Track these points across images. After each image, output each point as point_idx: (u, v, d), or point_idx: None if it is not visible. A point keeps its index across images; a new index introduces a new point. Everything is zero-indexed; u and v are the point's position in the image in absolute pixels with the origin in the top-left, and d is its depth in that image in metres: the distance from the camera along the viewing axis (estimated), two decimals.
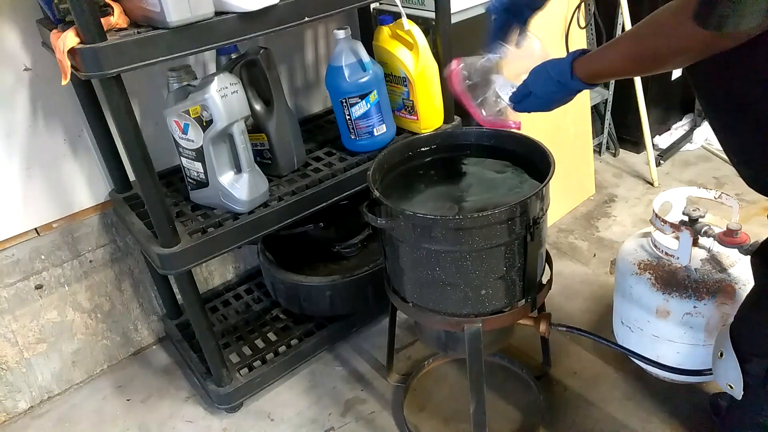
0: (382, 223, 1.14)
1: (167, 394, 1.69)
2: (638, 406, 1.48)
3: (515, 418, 1.49)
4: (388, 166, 1.31)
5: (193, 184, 1.45)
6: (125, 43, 1.06)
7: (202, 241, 1.33)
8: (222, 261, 1.94)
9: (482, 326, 1.19)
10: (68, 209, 1.59)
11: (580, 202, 2.29)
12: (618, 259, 1.47)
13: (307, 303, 1.68)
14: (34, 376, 1.67)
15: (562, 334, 1.35)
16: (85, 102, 1.44)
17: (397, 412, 1.53)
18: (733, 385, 1.04)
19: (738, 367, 1.02)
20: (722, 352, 1.07)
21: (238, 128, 1.34)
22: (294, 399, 1.62)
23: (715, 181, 2.33)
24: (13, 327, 1.59)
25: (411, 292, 1.24)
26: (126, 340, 1.82)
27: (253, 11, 1.16)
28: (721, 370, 1.08)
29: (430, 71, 1.60)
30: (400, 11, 1.52)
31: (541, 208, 1.15)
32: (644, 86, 2.22)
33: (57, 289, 1.63)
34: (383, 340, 1.60)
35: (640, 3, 2.22)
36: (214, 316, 1.81)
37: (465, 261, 1.12)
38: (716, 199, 1.40)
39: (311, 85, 1.93)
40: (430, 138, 1.38)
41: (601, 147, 2.55)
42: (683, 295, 1.32)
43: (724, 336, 1.07)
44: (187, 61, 1.56)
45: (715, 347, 1.12)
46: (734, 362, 1.03)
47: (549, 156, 1.18)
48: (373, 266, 1.67)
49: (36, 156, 1.50)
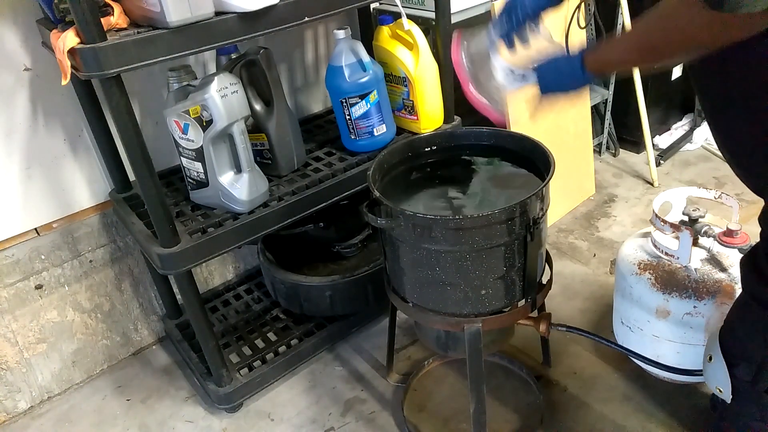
0: (382, 223, 1.14)
1: (167, 394, 1.69)
2: (638, 406, 1.48)
3: (515, 418, 1.49)
4: (388, 166, 1.31)
5: (193, 184, 1.45)
6: (125, 43, 1.06)
7: (202, 241, 1.33)
8: (222, 261, 1.94)
9: (482, 326, 1.19)
10: (68, 209, 1.59)
11: (580, 202, 2.29)
12: (618, 259, 1.47)
13: (307, 303, 1.68)
14: (34, 376, 1.67)
15: (562, 334, 1.35)
16: (85, 102, 1.45)
17: (397, 412, 1.53)
18: (722, 388, 1.05)
19: (726, 370, 1.03)
20: (711, 356, 1.07)
21: (238, 128, 1.34)
22: (294, 399, 1.62)
23: (715, 181, 2.33)
24: (13, 327, 1.59)
25: (411, 292, 1.24)
26: (126, 340, 1.82)
27: (253, 11, 1.16)
28: (710, 374, 1.08)
29: (430, 71, 1.60)
30: (400, 11, 1.52)
31: (541, 208, 1.14)
32: (644, 86, 2.22)
33: (57, 289, 1.63)
34: (383, 340, 1.60)
35: (640, 3, 2.22)
36: (214, 316, 1.81)
37: (465, 261, 1.12)
38: (716, 199, 1.40)
39: (311, 85, 1.93)
40: (430, 138, 1.38)
41: (601, 147, 2.55)
42: (683, 295, 1.32)
43: (713, 340, 1.08)
44: (187, 61, 1.56)
45: (705, 351, 1.12)
46: (723, 366, 1.03)
47: (549, 156, 1.18)
48: (373, 266, 1.67)
49: (36, 156, 1.50)
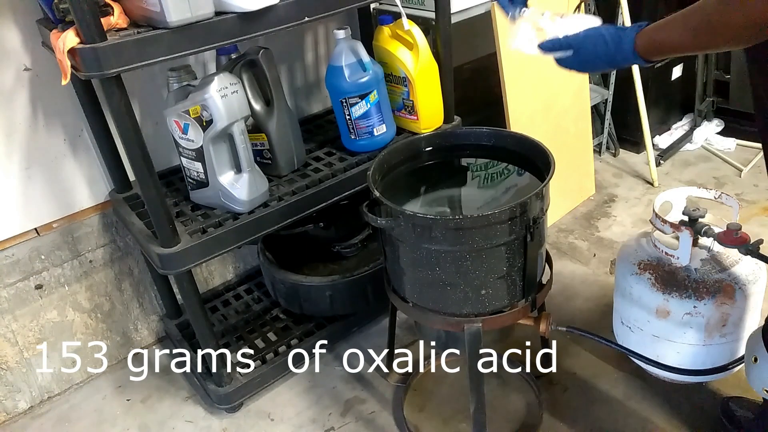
0: (382, 223, 1.14)
1: (167, 394, 1.69)
2: (638, 406, 1.48)
3: (515, 418, 1.49)
4: (388, 166, 1.31)
5: (193, 184, 1.45)
6: (125, 43, 1.06)
7: (202, 241, 1.33)
8: (222, 261, 1.94)
9: (482, 326, 1.19)
10: (68, 209, 1.59)
11: (580, 202, 2.29)
12: (618, 259, 1.47)
13: (307, 303, 1.68)
14: (34, 376, 1.67)
15: (562, 334, 1.35)
16: (85, 102, 1.44)
17: (397, 412, 1.53)
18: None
19: None
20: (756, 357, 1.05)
21: (238, 128, 1.34)
22: (294, 399, 1.61)
23: (715, 181, 2.33)
24: (13, 327, 1.59)
25: (411, 292, 1.24)
26: (126, 340, 1.82)
27: (253, 11, 1.16)
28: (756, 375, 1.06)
29: (430, 71, 1.60)
30: (400, 11, 1.52)
31: (540, 208, 1.15)
32: (644, 86, 2.22)
33: (57, 289, 1.63)
34: (383, 340, 1.60)
35: (640, 3, 2.22)
36: (214, 316, 1.80)
37: (465, 261, 1.12)
38: (716, 199, 1.40)
39: (311, 85, 1.93)
40: (430, 138, 1.38)
41: (601, 147, 2.55)
42: (683, 295, 1.32)
43: (756, 340, 1.05)
44: (187, 61, 1.56)
45: (747, 353, 1.10)
46: None
47: (549, 156, 1.18)
48: (373, 266, 1.67)
49: (36, 156, 1.50)
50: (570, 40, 0.93)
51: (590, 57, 0.91)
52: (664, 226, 1.34)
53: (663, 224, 1.34)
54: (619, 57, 0.88)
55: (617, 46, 0.87)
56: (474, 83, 2.03)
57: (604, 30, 0.90)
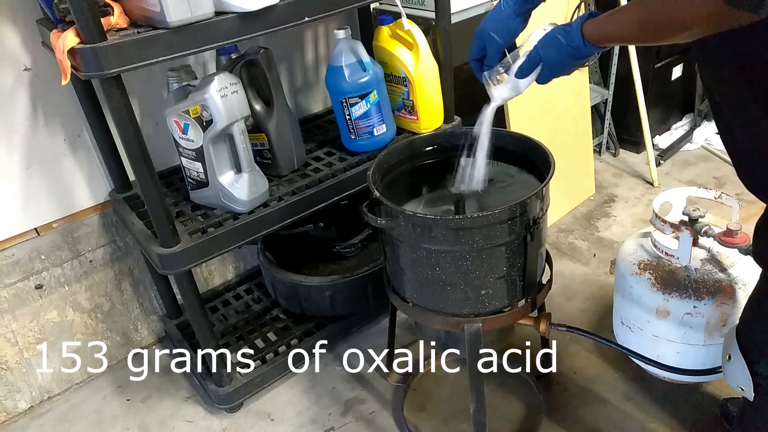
0: (382, 223, 1.14)
1: (167, 394, 1.69)
2: (638, 406, 1.48)
3: (515, 418, 1.49)
4: (388, 166, 1.31)
5: (193, 184, 1.45)
6: (125, 43, 1.06)
7: (202, 241, 1.33)
8: (222, 261, 1.94)
9: (482, 326, 1.19)
10: (68, 209, 1.59)
11: (580, 202, 2.29)
12: (618, 259, 1.47)
13: (307, 303, 1.68)
14: (34, 376, 1.67)
15: (562, 334, 1.35)
16: (85, 102, 1.44)
17: (397, 412, 1.53)
18: (744, 387, 1.04)
19: (746, 368, 1.02)
20: (730, 355, 1.06)
21: (238, 128, 1.34)
22: (294, 399, 1.61)
23: (715, 181, 2.33)
24: (13, 327, 1.59)
25: (411, 292, 1.24)
26: (126, 340, 1.82)
27: (253, 11, 1.16)
28: (730, 373, 1.07)
29: (430, 71, 1.60)
30: (400, 11, 1.52)
31: (541, 208, 1.15)
32: (644, 86, 2.22)
33: (57, 289, 1.63)
34: (383, 340, 1.60)
35: None
36: (214, 316, 1.81)
37: (465, 261, 1.12)
38: (716, 199, 1.40)
39: (311, 85, 1.93)
40: (430, 138, 1.38)
41: (601, 147, 2.55)
42: (683, 295, 1.32)
43: (730, 338, 1.07)
44: (187, 61, 1.56)
45: (723, 350, 1.11)
46: (742, 364, 1.03)
47: (549, 156, 1.18)
48: (373, 266, 1.67)
49: (36, 156, 1.50)
50: (532, 54, 0.96)
51: (555, 60, 0.93)
52: (664, 226, 1.34)
53: (663, 224, 1.34)
54: (575, 50, 0.90)
55: (569, 40, 0.90)
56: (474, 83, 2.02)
57: (554, 31, 0.93)
